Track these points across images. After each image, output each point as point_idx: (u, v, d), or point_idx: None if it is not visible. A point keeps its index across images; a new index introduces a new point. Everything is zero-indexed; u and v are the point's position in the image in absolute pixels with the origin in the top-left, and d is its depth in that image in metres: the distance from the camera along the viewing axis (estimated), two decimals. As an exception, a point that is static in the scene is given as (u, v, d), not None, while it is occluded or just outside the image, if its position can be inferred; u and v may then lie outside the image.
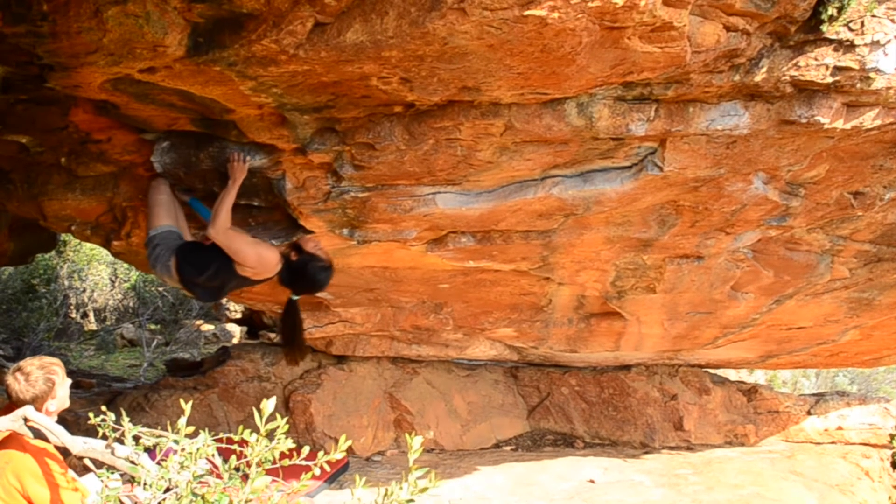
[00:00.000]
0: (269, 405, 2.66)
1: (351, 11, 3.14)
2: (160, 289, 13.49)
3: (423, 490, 2.56)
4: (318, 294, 6.17)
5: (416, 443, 2.60)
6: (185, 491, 2.60)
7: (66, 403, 3.70)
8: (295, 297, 4.68)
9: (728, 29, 3.58)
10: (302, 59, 3.32)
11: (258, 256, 4.36)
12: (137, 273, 13.44)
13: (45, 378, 3.56)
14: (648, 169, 4.46)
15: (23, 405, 3.46)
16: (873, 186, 5.14)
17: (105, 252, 6.66)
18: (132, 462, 3.08)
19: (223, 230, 4.28)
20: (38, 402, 3.53)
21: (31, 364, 3.58)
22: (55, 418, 3.58)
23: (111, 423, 3.11)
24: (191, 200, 4.81)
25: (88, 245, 12.33)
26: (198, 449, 2.70)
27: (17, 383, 3.51)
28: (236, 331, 12.97)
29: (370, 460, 7.81)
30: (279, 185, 4.57)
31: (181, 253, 4.49)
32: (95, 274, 13.53)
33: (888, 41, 3.87)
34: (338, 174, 4.39)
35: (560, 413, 9.47)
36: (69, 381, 3.74)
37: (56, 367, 3.65)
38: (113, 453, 3.22)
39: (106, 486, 2.90)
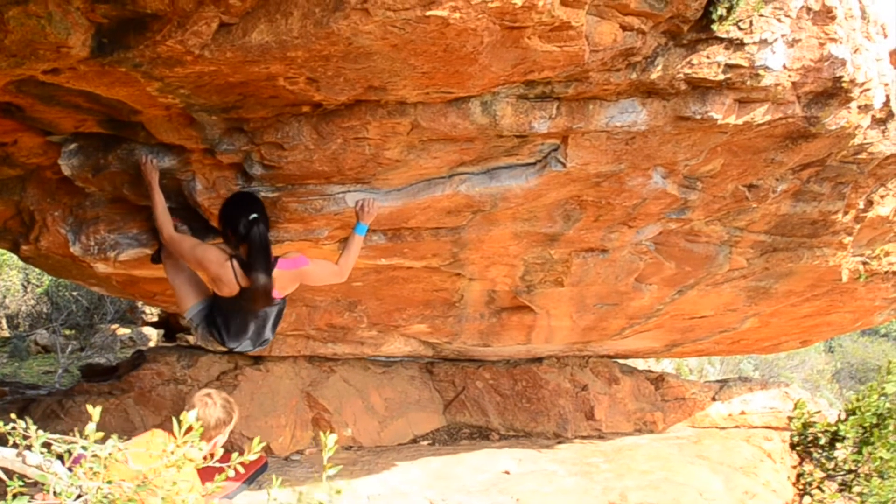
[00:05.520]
0: (190, 416, 2.68)
1: (256, 12, 3.16)
2: (74, 293, 13.15)
3: (338, 492, 2.60)
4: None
5: (330, 441, 2.59)
6: (94, 498, 2.59)
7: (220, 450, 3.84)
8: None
9: (624, 28, 3.71)
10: (208, 60, 3.32)
11: (196, 259, 4.36)
12: (50, 278, 13.09)
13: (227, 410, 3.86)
14: (552, 165, 4.58)
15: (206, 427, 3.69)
16: (766, 179, 5.36)
17: (16, 257, 6.48)
18: (43, 470, 3.05)
19: (167, 236, 4.37)
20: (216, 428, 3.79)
21: (220, 395, 3.87)
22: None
23: (21, 431, 3.07)
24: None
25: (-2, 250, 11.98)
26: (108, 454, 2.69)
27: (206, 406, 3.77)
28: (153, 334, 12.71)
29: (289, 460, 7.79)
30: (189, 186, 4.53)
31: (208, 323, 4.64)
32: (7, 279, 13.17)
33: (775, 39, 4.07)
34: (248, 174, 4.37)
35: (475, 406, 9.57)
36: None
37: (235, 408, 3.93)
38: (24, 461, 3.18)
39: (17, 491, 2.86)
